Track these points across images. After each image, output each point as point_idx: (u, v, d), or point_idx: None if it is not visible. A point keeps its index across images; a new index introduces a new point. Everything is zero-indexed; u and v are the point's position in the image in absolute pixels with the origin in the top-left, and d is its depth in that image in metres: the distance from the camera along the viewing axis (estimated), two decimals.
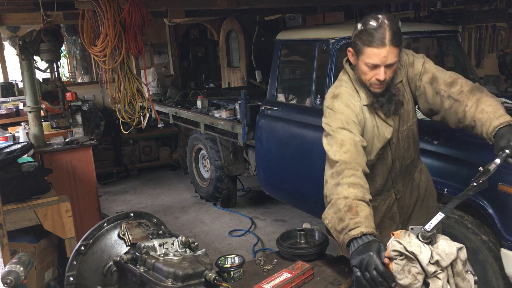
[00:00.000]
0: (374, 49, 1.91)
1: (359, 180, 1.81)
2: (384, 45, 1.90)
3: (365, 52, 1.94)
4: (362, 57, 1.96)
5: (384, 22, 1.92)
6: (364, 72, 2.00)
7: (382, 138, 2.11)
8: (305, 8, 6.55)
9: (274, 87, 4.41)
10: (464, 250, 1.51)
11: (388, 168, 2.22)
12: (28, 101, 4.32)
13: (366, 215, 1.69)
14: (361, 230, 1.63)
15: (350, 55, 2.07)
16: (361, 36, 1.95)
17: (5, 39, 8.52)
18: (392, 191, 2.30)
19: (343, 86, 2.11)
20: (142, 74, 4.97)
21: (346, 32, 3.81)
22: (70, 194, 4.04)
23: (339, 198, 1.76)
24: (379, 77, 1.96)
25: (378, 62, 1.93)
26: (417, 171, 2.37)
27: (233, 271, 2.12)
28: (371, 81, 2.00)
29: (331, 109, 2.04)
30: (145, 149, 7.61)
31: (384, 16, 1.96)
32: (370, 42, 1.91)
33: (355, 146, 1.92)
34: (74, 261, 1.74)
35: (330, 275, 2.14)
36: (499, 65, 5.39)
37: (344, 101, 2.04)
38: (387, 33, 1.91)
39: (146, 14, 3.84)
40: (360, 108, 2.06)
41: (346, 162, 1.85)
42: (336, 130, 1.96)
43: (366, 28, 1.93)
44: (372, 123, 2.09)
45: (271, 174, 4.45)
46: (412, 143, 2.26)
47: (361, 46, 1.95)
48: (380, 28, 1.91)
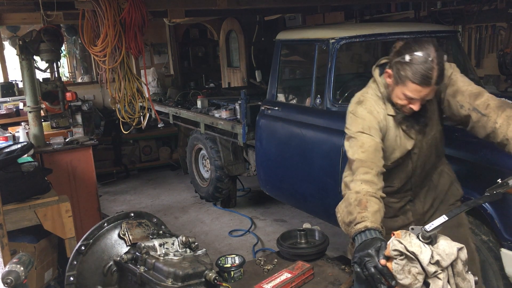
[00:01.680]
0: (418, 87, 1.88)
1: (372, 177, 1.85)
2: (430, 84, 1.87)
3: (407, 85, 1.90)
4: (402, 87, 1.93)
5: (434, 59, 1.85)
6: (399, 98, 1.98)
7: (403, 149, 2.11)
8: (305, 8, 6.55)
9: (274, 87, 4.41)
10: (464, 250, 1.51)
11: (408, 174, 2.22)
12: (28, 101, 4.32)
13: (374, 211, 1.71)
14: (366, 224, 1.65)
15: (386, 75, 2.02)
16: (406, 67, 1.89)
17: (5, 39, 8.51)
18: (410, 193, 2.31)
19: (369, 93, 2.11)
20: (142, 74, 4.97)
21: (346, 32, 3.82)
22: (70, 194, 4.04)
23: (351, 193, 1.82)
24: (414, 108, 1.96)
25: (417, 97, 1.92)
26: (436, 172, 2.35)
27: (233, 271, 2.12)
28: (404, 109, 2.01)
29: (353, 114, 2.06)
30: (145, 149, 7.60)
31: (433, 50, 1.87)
32: (415, 78, 1.87)
33: (375, 147, 1.95)
34: (74, 261, 1.74)
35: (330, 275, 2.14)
36: (499, 65, 5.39)
37: (367, 108, 2.05)
38: (435, 73, 1.86)
39: (146, 14, 3.84)
40: (384, 116, 2.07)
41: (362, 160, 1.90)
42: (356, 134, 1.99)
43: (413, 61, 1.87)
44: (395, 133, 2.09)
45: (271, 174, 4.45)
46: (434, 150, 2.25)
47: (405, 77, 1.90)
48: (428, 65, 1.85)
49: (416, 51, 1.87)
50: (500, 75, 5.46)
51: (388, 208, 2.23)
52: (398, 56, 1.93)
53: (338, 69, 3.86)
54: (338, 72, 3.88)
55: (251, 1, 4.91)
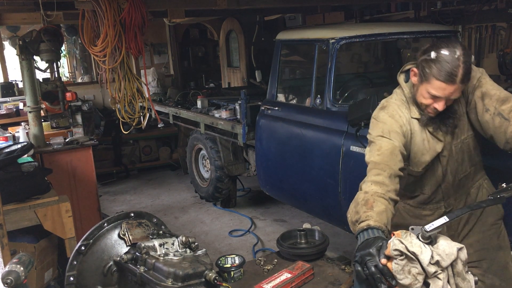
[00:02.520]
0: (443, 84, 1.86)
1: (383, 179, 1.84)
2: (454, 82, 1.85)
3: (432, 82, 1.88)
4: (427, 85, 1.91)
5: (460, 57, 1.84)
6: (424, 97, 1.96)
7: (432, 152, 2.07)
8: (305, 8, 6.55)
9: (274, 87, 4.41)
10: (464, 251, 1.51)
11: (438, 180, 2.17)
12: (28, 101, 4.32)
13: (380, 211, 1.70)
14: (368, 223, 1.65)
15: (412, 74, 2.01)
16: (432, 64, 1.87)
17: (5, 39, 8.51)
18: (442, 204, 2.23)
19: (393, 98, 2.11)
20: (142, 74, 4.96)
21: (346, 32, 3.82)
22: (70, 194, 4.04)
23: (360, 193, 1.82)
24: (438, 107, 1.93)
25: (442, 95, 1.90)
26: (474, 186, 2.26)
27: (233, 271, 2.12)
28: (428, 108, 1.98)
29: (375, 119, 2.06)
30: (145, 149, 7.60)
31: (460, 48, 1.86)
32: (440, 75, 1.85)
33: (392, 150, 1.93)
34: (74, 261, 1.74)
35: (330, 275, 2.14)
36: (499, 65, 5.39)
37: (389, 112, 2.04)
38: (460, 70, 1.84)
39: (146, 14, 3.84)
40: (408, 120, 2.04)
41: (375, 163, 1.90)
42: (376, 138, 1.99)
43: (439, 58, 1.86)
44: (421, 136, 2.06)
45: (271, 174, 4.45)
46: (467, 157, 2.16)
47: (430, 75, 1.88)
48: (454, 63, 1.83)
49: (442, 49, 1.86)
50: (500, 75, 5.46)
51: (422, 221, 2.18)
52: (424, 54, 1.92)
53: (338, 69, 3.86)
54: (338, 72, 3.88)
55: (251, 1, 4.91)
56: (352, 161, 3.39)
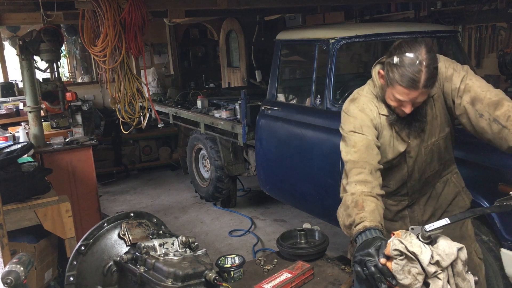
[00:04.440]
0: (405, 90, 1.84)
1: (366, 177, 1.84)
2: (417, 88, 1.82)
3: (395, 87, 1.86)
4: (391, 89, 1.89)
5: (422, 62, 1.78)
6: (390, 99, 1.94)
7: (395, 151, 2.07)
8: (305, 8, 6.55)
9: (274, 87, 4.41)
10: (464, 250, 1.51)
11: (403, 178, 2.17)
12: (28, 101, 4.32)
13: (372, 210, 1.71)
14: (365, 224, 1.65)
15: (379, 76, 1.99)
16: (394, 69, 1.84)
17: (5, 39, 8.51)
18: (407, 198, 2.26)
19: (365, 90, 2.09)
20: (142, 74, 4.96)
21: (346, 32, 3.82)
22: (70, 194, 4.04)
23: (347, 195, 1.82)
24: (405, 110, 1.92)
25: (406, 99, 1.87)
26: (441, 181, 2.28)
27: (233, 271, 2.12)
28: (396, 110, 1.98)
29: (346, 113, 2.05)
30: (145, 149, 7.60)
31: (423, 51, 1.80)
32: (402, 81, 1.82)
33: (367, 145, 1.92)
34: (74, 261, 1.74)
35: (330, 275, 2.14)
36: (499, 65, 5.39)
37: (359, 105, 2.03)
38: (423, 76, 1.79)
39: (146, 14, 3.84)
40: (378, 114, 2.03)
41: (354, 161, 1.90)
42: (348, 133, 1.98)
43: (401, 63, 1.81)
44: (388, 132, 2.05)
45: (271, 174, 4.45)
46: (437, 157, 2.16)
47: (393, 80, 1.85)
48: (415, 68, 1.79)
49: (405, 52, 1.82)
50: (500, 75, 5.46)
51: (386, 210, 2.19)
52: (389, 56, 1.89)
53: (338, 69, 3.86)
54: (338, 72, 3.88)
55: (251, 1, 4.91)
56: None
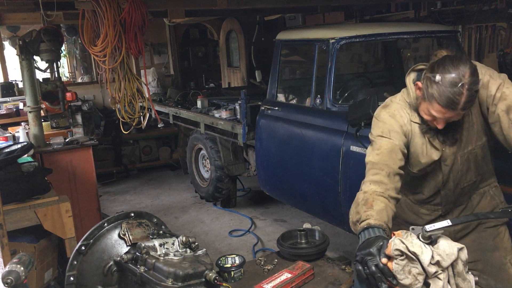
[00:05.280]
0: (443, 109, 1.81)
1: (382, 178, 1.84)
2: (455, 109, 1.79)
3: (433, 104, 1.83)
4: (427, 104, 1.86)
5: (465, 84, 1.74)
6: (424, 112, 1.91)
7: (429, 158, 2.04)
8: (305, 8, 6.55)
9: (274, 87, 4.41)
10: (464, 251, 1.51)
11: (438, 185, 2.13)
12: (28, 101, 4.32)
13: (380, 209, 1.71)
14: (369, 222, 1.65)
15: (416, 87, 1.95)
16: (434, 86, 1.80)
17: (5, 39, 8.51)
18: (440, 208, 2.20)
19: (398, 97, 2.09)
20: (142, 74, 4.96)
21: (346, 32, 3.82)
22: (70, 194, 4.03)
23: (359, 193, 1.83)
24: (438, 126, 1.90)
25: (441, 117, 1.85)
26: (477, 193, 2.21)
27: (233, 271, 2.12)
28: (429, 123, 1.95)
29: (376, 118, 2.05)
30: (145, 149, 7.60)
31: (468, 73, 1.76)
32: (441, 100, 1.79)
33: (391, 149, 1.92)
34: (74, 261, 1.74)
35: (330, 275, 2.14)
36: (499, 65, 5.39)
37: (390, 111, 2.03)
38: (463, 99, 1.76)
39: (146, 14, 3.84)
40: (408, 121, 2.01)
41: (373, 163, 1.90)
42: (376, 138, 1.99)
43: (443, 82, 1.77)
44: (421, 140, 2.03)
45: (271, 174, 4.45)
46: (474, 166, 2.10)
47: (431, 96, 1.82)
48: (457, 90, 1.75)
49: (448, 72, 1.78)
50: None
51: (419, 219, 2.21)
52: (431, 71, 1.84)
53: (338, 69, 3.86)
54: (338, 72, 3.88)
55: (251, 1, 4.91)
56: (352, 161, 3.39)
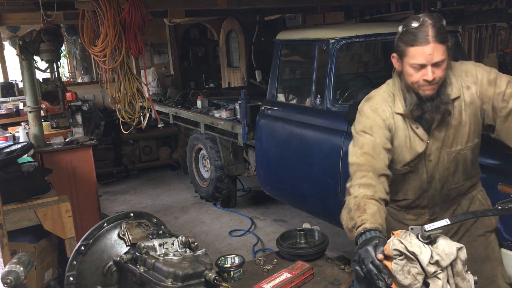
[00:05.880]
0: (418, 48, 1.81)
1: (370, 180, 1.83)
2: (428, 42, 1.80)
3: (409, 53, 1.84)
4: (406, 59, 1.86)
5: (425, 20, 1.82)
6: (410, 74, 1.88)
7: (413, 152, 2.00)
8: (305, 8, 6.55)
9: (274, 87, 4.41)
10: (464, 250, 1.51)
11: (423, 185, 2.08)
12: (28, 101, 4.32)
13: (373, 212, 1.71)
14: (365, 226, 1.66)
15: (394, 61, 1.96)
16: (402, 38, 1.86)
17: (5, 39, 8.51)
18: (427, 211, 2.15)
19: (382, 89, 2.07)
20: (142, 74, 4.97)
21: (346, 32, 3.82)
22: (70, 194, 4.03)
23: (350, 198, 1.82)
24: (426, 77, 1.84)
25: (423, 61, 1.82)
26: (466, 198, 2.16)
27: (233, 271, 2.12)
28: (419, 83, 1.87)
29: (359, 112, 2.05)
30: (145, 149, 7.60)
31: (425, 15, 1.85)
32: (413, 41, 1.82)
33: (374, 148, 1.91)
34: (74, 261, 1.74)
35: (330, 275, 2.14)
36: (499, 65, 5.39)
37: (372, 105, 2.02)
38: (430, 30, 1.80)
39: (146, 14, 3.84)
40: (391, 114, 1.99)
41: (359, 164, 1.89)
42: (359, 133, 1.99)
43: (407, 29, 1.84)
44: (404, 133, 1.99)
45: (271, 174, 4.45)
46: (462, 169, 2.06)
47: (404, 47, 1.85)
48: (422, 27, 1.81)
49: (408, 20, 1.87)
50: None
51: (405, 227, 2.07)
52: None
53: (338, 69, 3.86)
54: (338, 72, 3.88)
55: (251, 1, 4.91)
56: None
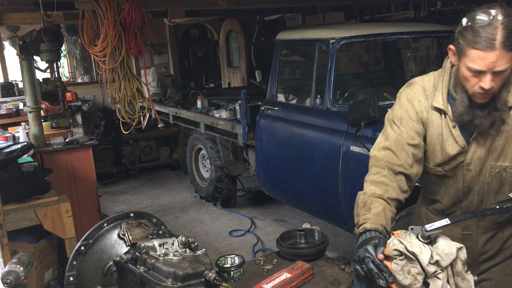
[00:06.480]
0: (480, 52, 1.55)
1: (383, 178, 1.74)
2: (494, 48, 1.53)
3: (468, 54, 1.58)
4: (464, 59, 1.61)
5: (496, 18, 1.54)
6: (465, 77, 1.64)
7: (444, 153, 1.80)
8: (305, 8, 6.55)
9: (274, 87, 4.41)
10: (464, 250, 1.50)
11: (458, 194, 1.86)
12: (28, 101, 4.32)
13: (377, 212, 1.67)
14: (365, 226, 1.63)
15: (451, 54, 1.72)
16: (465, 33, 1.59)
17: (5, 39, 8.52)
18: (459, 224, 1.90)
19: (427, 77, 1.86)
20: (142, 74, 4.97)
21: (346, 32, 3.82)
22: (70, 194, 4.04)
23: (360, 194, 1.77)
24: (483, 85, 1.60)
25: (483, 67, 1.57)
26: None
27: (233, 271, 2.12)
28: (474, 89, 1.64)
29: (398, 97, 1.89)
30: (145, 149, 7.60)
31: (498, 10, 1.56)
32: (475, 43, 1.55)
33: (397, 143, 1.78)
34: (74, 261, 1.74)
35: (330, 275, 2.14)
36: None
37: (410, 94, 1.84)
38: (499, 33, 1.53)
39: (146, 14, 3.84)
40: (426, 108, 1.80)
41: (377, 159, 1.80)
42: (389, 122, 1.86)
43: (472, 25, 1.57)
44: (438, 130, 1.79)
45: (271, 174, 4.45)
46: (508, 189, 1.80)
47: (464, 46, 1.59)
48: (490, 26, 1.54)
49: (476, 13, 1.59)
50: None
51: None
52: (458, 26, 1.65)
53: (338, 69, 3.87)
54: (338, 72, 3.88)
55: (251, 1, 4.92)
56: (352, 161, 3.39)
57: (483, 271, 1.95)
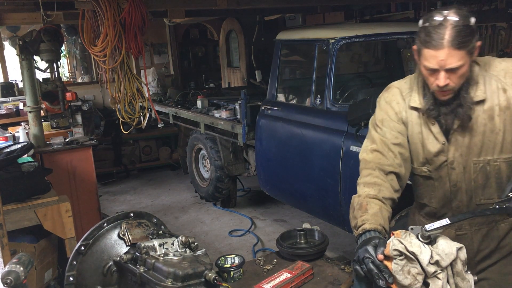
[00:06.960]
0: (431, 51, 1.63)
1: (375, 179, 1.79)
2: (442, 46, 1.60)
3: (423, 53, 1.67)
4: (421, 58, 1.69)
5: (447, 19, 1.61)
6: (425, 76, 1.73)
7: (426, 151, 1.84)
8: (305, 8, 6.56)
9: (274, 87, 4.41)
10: (463, 250, 1.51)
11: (447, 195, 1.88)
12: (28, 101, 4.32)
13: (374, 212, 1.69)
14: (364, 227, 1.65)
15: (415, 54, 1.77)
16: (420, 34, 1.67)
17: (5, 39, 8.51)
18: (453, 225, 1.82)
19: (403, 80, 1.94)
20: (142, 74, 4.97)
21: (346, 32, 3.82)
22: (70, 194, 4.04)
23: (354, 197, 1.80)
24: (438, 82, 1.67)
25: (435, 66, 1.65)
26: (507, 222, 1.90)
27: (233, 271, 2.12)
28: (433, 87, 1.71)
29: (378, 102, 1.96)
30: (145, 149, 7.61)
31: (452, 11, 1.63)
32: (427, 42, 1.63)
33: (383, 145, 1.83)
34: (74, 261, 1.74)
35: (330, 275, 2.14)
36: None
37: (388, 97, 1.91)
38: (447, 32, 1.60)
39: (146, 14, 3.85)
40: (405, 108, 1.86)
41: (366, 161, 1.85)
42: (373, 126, 1.91)
43: (426, 26, 1.65)
44: (417, 129, 1.84)
45: (271, 174, 4.45)
46: (495, 183, 1.82)
47: (420, 46, 1.68)
48: (440, 26, 1.61)
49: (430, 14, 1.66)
50: None
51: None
52: None
53: (338, 69, 3.86)
54: (338, 72, 3.88)
55: (251, 1, 4.92)
56: (352, 161, 3.39)
57: (480, 270, 1.96)
